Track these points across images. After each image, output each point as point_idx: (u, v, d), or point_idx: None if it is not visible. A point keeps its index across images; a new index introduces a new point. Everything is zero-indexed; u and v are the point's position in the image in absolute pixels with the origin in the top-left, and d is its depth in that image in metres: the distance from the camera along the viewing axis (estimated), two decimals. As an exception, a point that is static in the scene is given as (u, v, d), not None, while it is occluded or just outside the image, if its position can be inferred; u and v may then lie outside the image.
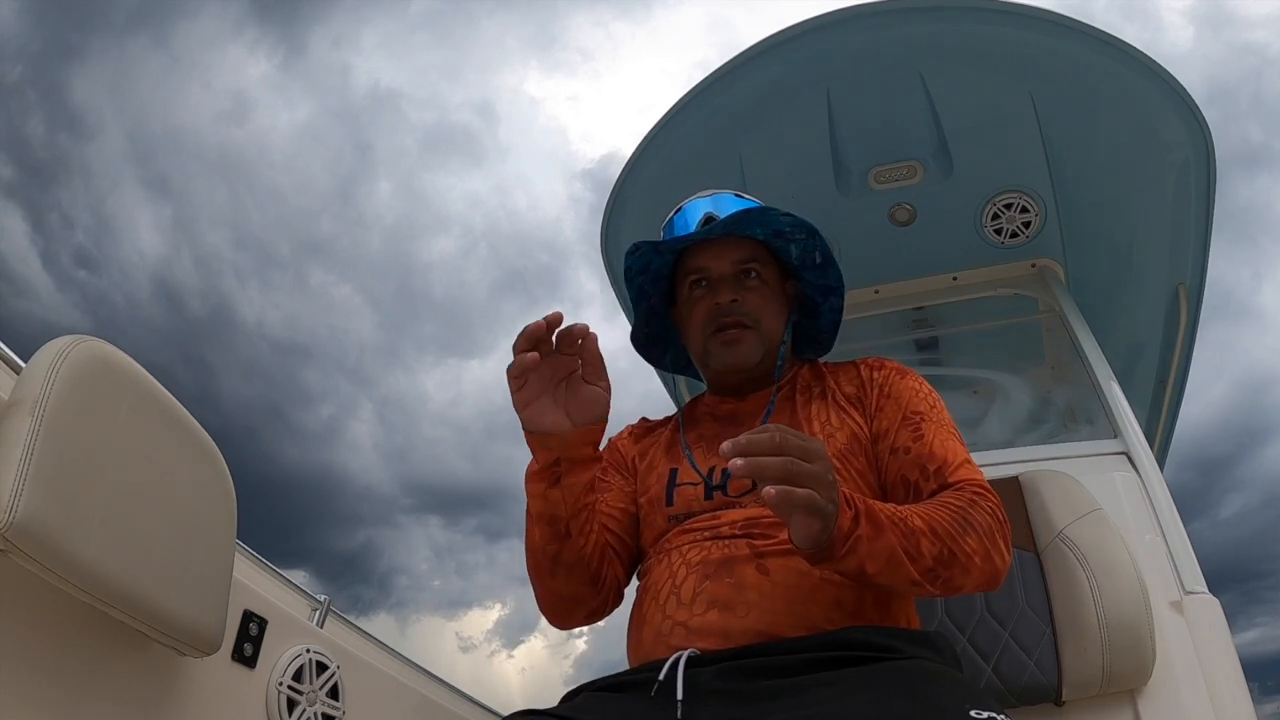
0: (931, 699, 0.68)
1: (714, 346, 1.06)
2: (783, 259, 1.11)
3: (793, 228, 1.06)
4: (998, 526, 0.86)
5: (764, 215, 1.05)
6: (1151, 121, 1.98)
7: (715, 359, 1.07)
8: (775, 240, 1.09)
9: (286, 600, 1.60)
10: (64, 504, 0.93)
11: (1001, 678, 1.23)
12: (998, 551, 0.85)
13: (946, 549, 0.80)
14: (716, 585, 0.87)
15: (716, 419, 1.10)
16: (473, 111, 45.60)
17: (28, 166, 29.31)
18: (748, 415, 1.07)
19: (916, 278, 2.49)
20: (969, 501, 0.86)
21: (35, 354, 0.98)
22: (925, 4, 1.91)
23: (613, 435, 1.20)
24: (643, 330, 1.20)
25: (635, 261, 1.09)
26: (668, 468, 1.05)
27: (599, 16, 49.99)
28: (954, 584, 0.82)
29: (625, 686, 0.84)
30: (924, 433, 0.96)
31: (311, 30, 38.87)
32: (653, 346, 1.22)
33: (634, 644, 0.95)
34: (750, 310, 1.05)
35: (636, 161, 2.22)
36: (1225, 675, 1.28)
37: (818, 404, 1.04)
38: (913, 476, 0.93)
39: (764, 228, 1.07)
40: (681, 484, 1.02)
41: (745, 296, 1.05)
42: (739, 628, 0.84)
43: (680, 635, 0.86)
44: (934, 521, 0.81)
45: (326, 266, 40.13)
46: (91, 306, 32.07)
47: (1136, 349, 2.55)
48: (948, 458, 0.93)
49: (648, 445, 1.14)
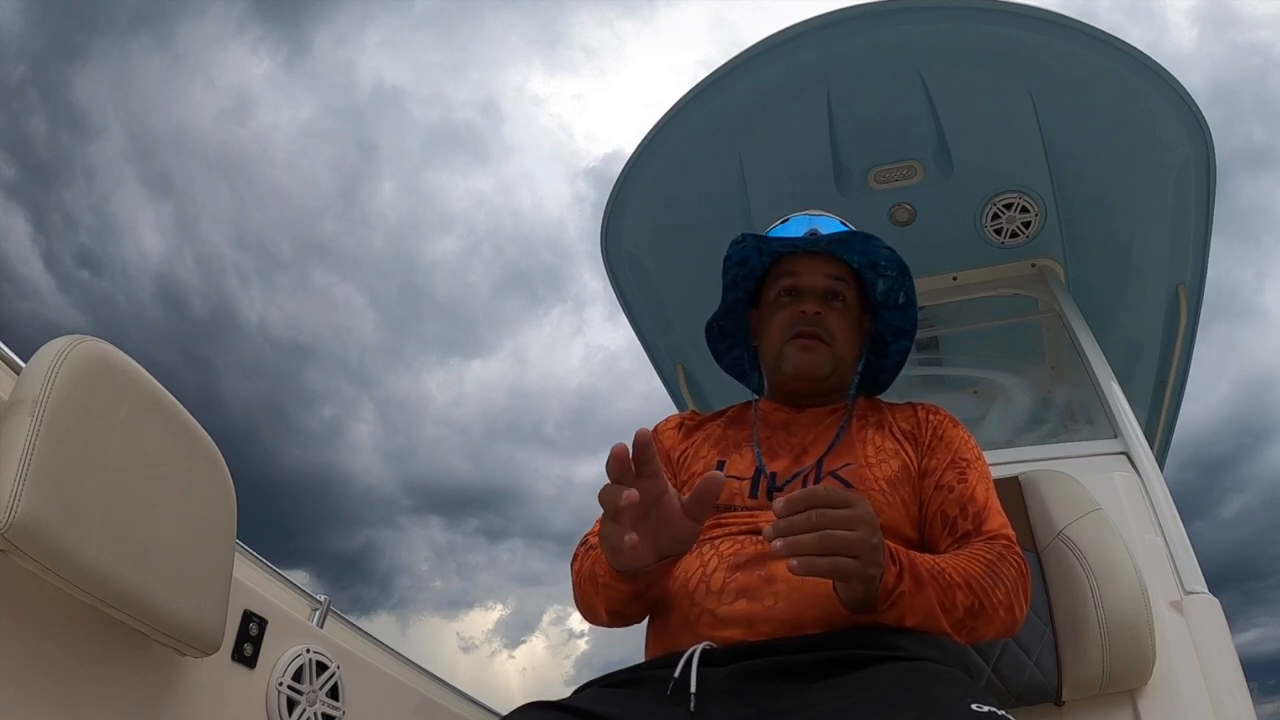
0: (933, 695, 0.69)
1: (790, 349, 1.10)
2: (868, 292, 1.16)
3: (888, 263, 1.12)
4: (1021, 580, 0.91)
5: (866, 243, 1.10)
6: (1151, 121, 1.99)
7: (789, 362, 1.10)
8: (867, 272, 1.14)
9: (286, 600, 1.60)
10: (64, 504, 0.93)
11: (1001, 678, 1.23)
12: (1019, 603, 0.90)
13: (978, 601, 0.85)
14: (747, 576, 0.89)
15: (772, 425, 1.12)
16: (477, 110, 45.61)
17: (30, 166, 29.33)
18: (802, 426, 1.10)
19: (916, 278, 2.47)
20: (999, 555, 0.91)
21: (35, 354, 0.98)
22: (925, 4, 1.91)
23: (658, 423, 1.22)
24: (719, 322, 1.23)
25: (736, 252, 1.14)
26: (716, 460, 1.08)
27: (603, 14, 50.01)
28: (978, 633, 0.88)
29: (637, 682, 0.84)
30: (968, 478, 1.01)
31: (315, 28, 38.87)
32: (721, 341, 1.25)
33: (658, 629, 0.96)
34: (830, 327, 1.11)
35: (636, 161, 2.22)
36: (1225, 675, 1.28)
37: (874, 431, 1.08)
38: (952, 513, 0.98)
39: (861, 256, 1.12)
40: (729, 477, 1.03)
41: (829, 314, 1.11)
42: (764, 615, 0.85)
43: (708, 622, 0.88)
44: (969, 574, 0.86)
45: (329, 266, 40.13)
46: (93, 307, 32.09)
47: (1136, 349, 2.55)
48: (988, 505, 0.99)
49: (696, 438, 1.15)
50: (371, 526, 55.25)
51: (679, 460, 1.14)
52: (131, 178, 33.43)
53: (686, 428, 1.19)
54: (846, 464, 1.02)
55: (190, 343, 34.67)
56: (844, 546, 0.73)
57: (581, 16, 46.21)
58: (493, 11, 44.18)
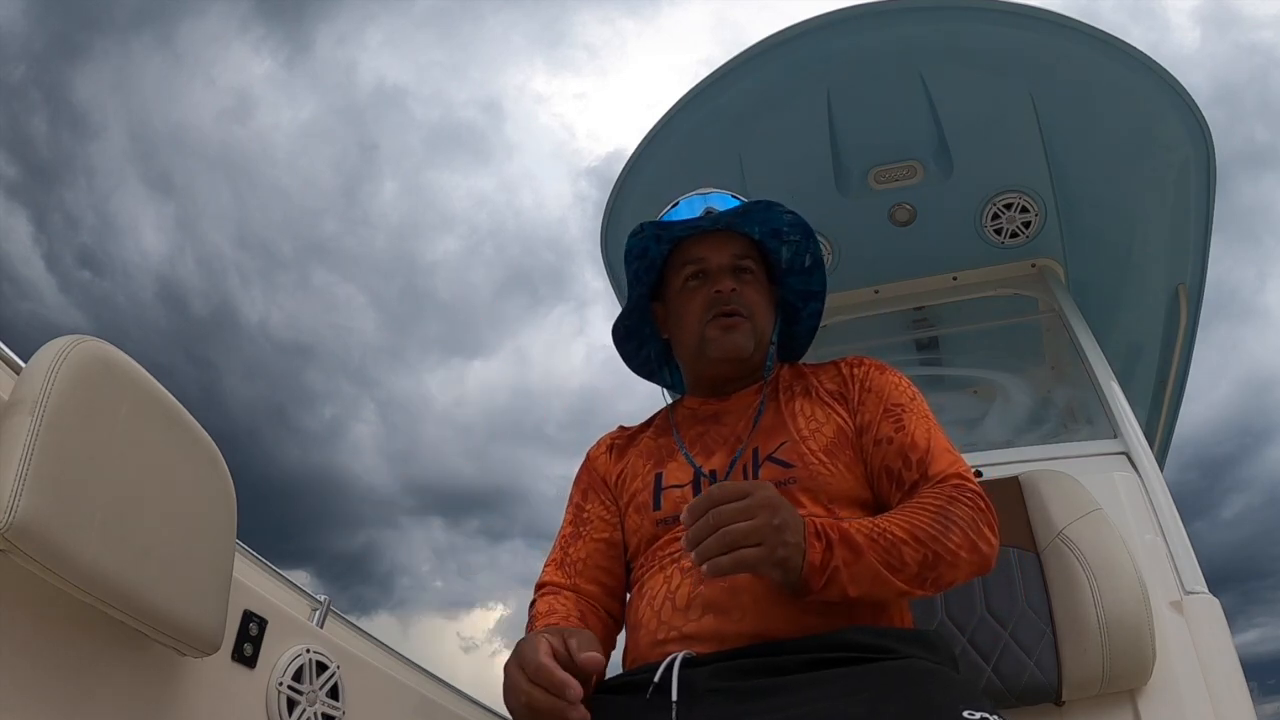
0: (925, 699, 0.68)
1: (712, 332, 1.05)
2: (772, 260, 1.12)
3: (790, 227, 1.08)
4: (980, 515, 0.88)
5: (767, 211, 1.05)
6: (1151, 121, 1.99)
7: (713, 346, 1.05)
8: (770, 240, 1.10)
9: (286, 600, 1.60)
10: (64, 504, 0.93)
11: (1001, 678, 1.23)
12: (984, 539, 0.86)
13: (931, 551, 0.82)
14: (710, 589, 0.87)
15: (700, 420, 1.09)
16: (479, 109, 45.64)
17: (32, 167, 29.34)
18: (731, 414, 1.07)
19: (916, 278, 2.50)
20: (949, 498, 0.88)
21: (35, 354, 0.98)
22: (925, 4, 1.91)
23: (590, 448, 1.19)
24: (624, 322, 1.17)
25: (635, 244, 1.09)
26: (653, 473, 1.05)
27: (606, 14, 50.04)
28: (943, 581, 0.84)
29: (622, 688, 0.84)
30: (905, 423, 0.98)
31: (317, 28, 38.89)
32: (628, 341, 1.20)
33: (630, 647, 0.95)
34: (748, 302, 1.06)
35: (636, 161, 2.22)
36: (1225, 675, 1.28)
37: (801, 400, 1.04)
38: (895, 465, 0.95)
39: (762, 226, 1.08)
40: (668, 487, 1.01)
41: (743, 289, 1.06)
42: (734, 632, 0.84)
43: (677, 640, 0.86)
44: (915, 527, 0.83)
45: (330, 266, 40.15)
46: (94, 307, 32.10)
47: (1136, 349, 2.55)
48: (930, 446, 0.95)
49: (629, 456, 1.12)
50: (372, 527, 55.23)
51: (617, 483, 1.10)
52: (132, 177, 33.42)
53: (618, 448, 1.15)
54: (781, 443, 0.98)
55: (191, 343, 34.66)
56: (742, 538, 0.73)
57: (584, 15, 46.20)
58: (495, 11, 44.15)
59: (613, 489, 1.11)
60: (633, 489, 1.06)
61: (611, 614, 1.04)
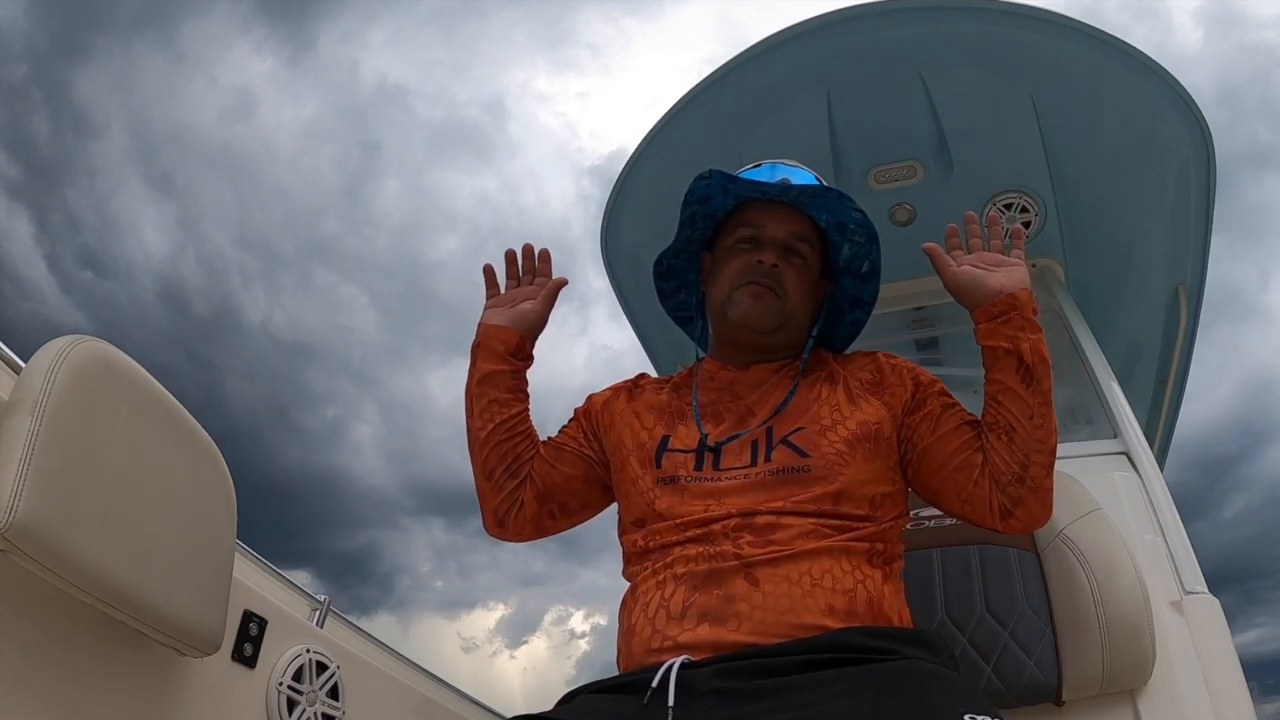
0: (926, 700, 0.68)
1: (739, 295, 1.05)
2: (832, 255, 1.10)
3: (858, 227, 1.07)
4: None
5: (839, 202, 1.05)
6: (1152, 121, 1.99)
7: (736, 308, 1.05)
8: (834, 233, 1.08)
9: (286, 600, 1.60)
10: (64, 504, 0.93)
11: (1001, 678, 1.23)
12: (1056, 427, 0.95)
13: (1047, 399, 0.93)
14: (706, 598, 0.86)
15: (716, 387, 1.08)
16: (481, 108, 45.62)
17: (33, 167, 29.34)
18: (747, 386, 1.06)
19: (916, 278, 2.48)
20: None
21: (35, 354, 0.98)
22: (925, 4, 1.91)
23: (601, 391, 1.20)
24: (669, 260, 1.17)
25: (699, 188, 1.08)
26: (661, 432, 1.04)
27: (609, 12, 50.02)
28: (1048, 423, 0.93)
29: (621, 689, 0.84)
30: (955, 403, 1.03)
31: (319, 27, 38.89)
32: (668, 280, 1.20)
33: (624, 654, 0.94)
34: (785, 282, 1.05)
35: (636, 161, 2.22)
36: (1225, 675, 1.28)
37: (825, 387, 1.04)
38: (969, 418, 1.00)
39: (831, 215, 1.07)
40: (673, 450, 1.01)
41: (786, 269, 1.05)
42: (729, 641, 0.83)
43: (671, 650, 0.85)
44: None
45: (332, 266, 40.14)
46: (96, 307, 32.10)
47: (1136, 349, 2.55)
48: None
49: (640, 403, 1.11)
50: (373, 527, 55.24)
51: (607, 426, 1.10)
52: (134, 177, 33.42)
53: (630, 393, 1.14)
54: (798, 429, 0.98)
55: (192, 343, 34.66)
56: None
57: (587, 14, 46.19)
58: (498, 10, 44.15)
59: (601, 430, 1.11)
60: (640, 438, 1.05)
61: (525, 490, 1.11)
